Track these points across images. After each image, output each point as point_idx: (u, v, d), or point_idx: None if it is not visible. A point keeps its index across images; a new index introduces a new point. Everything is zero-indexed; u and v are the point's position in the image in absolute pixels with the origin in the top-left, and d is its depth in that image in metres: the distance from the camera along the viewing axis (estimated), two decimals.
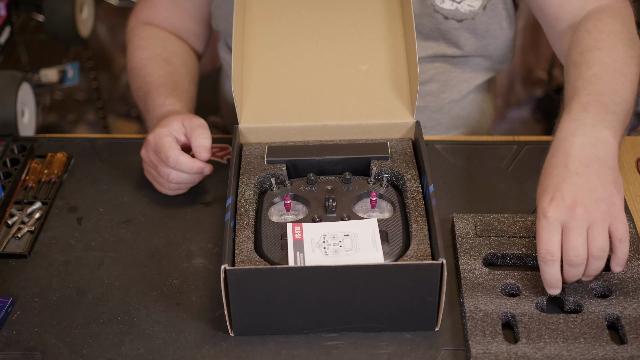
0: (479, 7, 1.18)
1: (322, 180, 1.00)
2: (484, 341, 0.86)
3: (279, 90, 1.08)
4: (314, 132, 1.06)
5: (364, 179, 1.00)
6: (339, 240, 0.90)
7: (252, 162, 1.03)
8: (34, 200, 1.10)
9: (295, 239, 0.90)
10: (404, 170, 1.00)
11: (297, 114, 1.06)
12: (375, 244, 0.89)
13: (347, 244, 0.89)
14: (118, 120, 2.40)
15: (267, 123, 1.06)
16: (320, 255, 0.88)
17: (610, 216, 0.86)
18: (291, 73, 1.09)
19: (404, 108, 1.06)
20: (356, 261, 0.87)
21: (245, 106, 1.07)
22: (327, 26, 1.12)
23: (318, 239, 0.90)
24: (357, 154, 1.03)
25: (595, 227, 0.86)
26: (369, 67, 1.09)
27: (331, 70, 1.09)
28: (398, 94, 1.07)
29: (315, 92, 1.08)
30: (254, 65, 1.10)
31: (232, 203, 0.94)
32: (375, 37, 1.11)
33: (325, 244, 0.89)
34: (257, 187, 1.00)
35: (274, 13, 1.14)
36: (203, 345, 0.89)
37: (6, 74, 1.30)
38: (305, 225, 0.92)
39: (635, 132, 2.14)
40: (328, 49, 1.11)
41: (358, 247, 0.89)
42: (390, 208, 0.96)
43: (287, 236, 0.90)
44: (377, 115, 1.06)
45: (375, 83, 1.08)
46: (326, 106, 1.07)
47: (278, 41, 1.12)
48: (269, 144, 1.06)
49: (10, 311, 0.94)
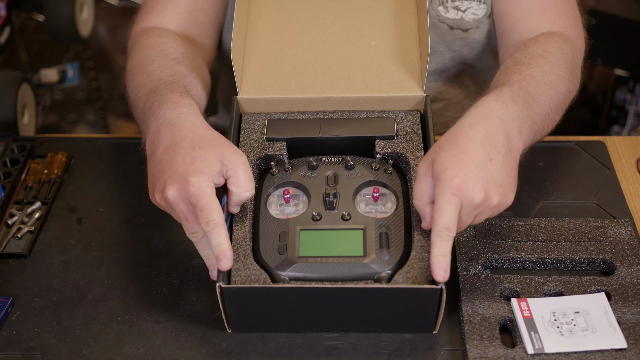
0: (483, 15, 1.18)
1: (324, 164, 0.96)
2: (481, 345, 0.86)
3: (282, 63, 1.04)
4: (317, 105, 1.01)
5: (368, 163, 0.96)
6: (571, 318, 0.88)
7: (251, 137, 0.99)
8: (34, 200, 1.10)
9: (525, 317, 0.88)
10: (409, 152, 0.96)
11: (300, 85, 1.02)
12: (611, 323, 0.87)
13: (581, 323, 0.87)
14: (118, 120, 2.40)
15: (268, 94, 1.02)
16: (555, 335, 0.86)
17: (498, 210, 0.87)
18: (296, 47, 1.05)
19: (413, 82, 1.01)
20: (597, 347, 0.85)
21: (245, 77, 1.03)
22: (337, 2, 1.09)
23: (549, 317, 0.88)
24: (361, 133, 0.98)
25: (481, 215, 0.86)
26: (378, 43, 1.04)
27: (338, 45, 1.05)
28: (407, 69, 1.02)
29: (320, 66, 1.03)
30: (257, 38, 1.06)
31: None
32: (386, 13, 1.07)
33: (558, 322, 0.88)
34: (256, 168, 0.97)
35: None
36: (203, 345, 0.89)
37: (6, 74, 1.30)
38: (532, 300, 0.90)
39: (635, 132, 2.15)
40: (336, 25, 1.07)
41: (594, 327, 0.87)
42: (394, 199, 0.93)
43: (514, 313, 0.89)
44: (385, 88, 1.01)
45: (384, 57, 1.03)
46: (331, 79, 1.02)
47: (285, 16, 1.08)
48: (269, 117, 1.02)
49: (10, 311, 0.94)
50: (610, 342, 0.85)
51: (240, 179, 0.88)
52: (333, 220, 0.91)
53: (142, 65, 1.06)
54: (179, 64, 1.06)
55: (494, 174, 0.85)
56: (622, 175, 1.11)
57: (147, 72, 1.04)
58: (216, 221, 0.84)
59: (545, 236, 0.99)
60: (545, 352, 0.85)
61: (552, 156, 1.14)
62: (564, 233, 0.99)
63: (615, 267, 0.94)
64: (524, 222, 1.01)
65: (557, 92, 0.99)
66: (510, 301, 0.90)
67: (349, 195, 0.93)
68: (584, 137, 1.19)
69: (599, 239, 0.98)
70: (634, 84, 2.14)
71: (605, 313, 0.88)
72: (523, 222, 1.01)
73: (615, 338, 0.86)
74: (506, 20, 1.15)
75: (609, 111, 2.23)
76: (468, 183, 0.83)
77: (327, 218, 0.91)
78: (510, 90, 0.93)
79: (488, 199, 0.84)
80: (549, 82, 0.98)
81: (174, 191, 0.85)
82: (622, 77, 2.16)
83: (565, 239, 0.98)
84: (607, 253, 0.96)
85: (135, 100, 1.04)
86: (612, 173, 1.11)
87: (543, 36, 1.08)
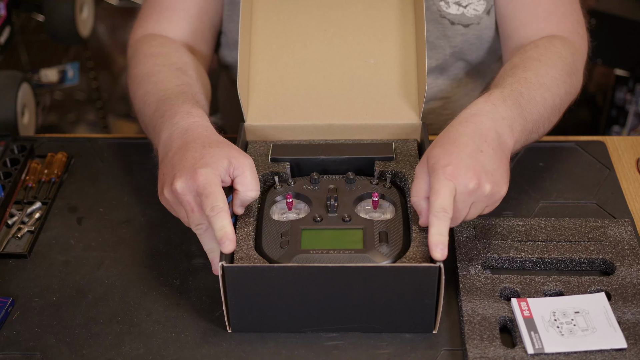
0: (483, 11, 1.19)
1: (325, 179, 1.00)
2: (481, 345, 0.86)
3: (285, 86, 1.08)
4: (320, 131, 1.06)
5: (367, 179, 1.00)
6: (571, 318, 0.88)
7: (257, 159, 1.03)
8: (34, 200, 1.10)
9: (525, 317, 0.88)
10: (407, 171, 1.00)
11: (303, 112, 1.06)
12: (611, 323, 0.87)
13: (581, 323, 0.87)
14: (118, 120, 2.40)
15: (273, 121, 1.06)
16: (555, 335, 0.86)
17: (492, 201, 0.89)
18: (298, 65, 1.08)
19: (410, 108, 1.06)
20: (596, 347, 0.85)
21: (251, 103, 1.07)
22: (337, 13, 1.11)
23: (549, 317, 0.88)
24: (361, 154, 1.03)
25: (476, 205, 0.89)
26: (377, 61, 1.08)
27: (339, 62, 1.08)
28: (405, 93, 1.06)
29: (322, 88, 1.07)
30: (260, 55, 1.09)
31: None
32: (386, 23, 1.10)
33: (558, 322, 0.88)
34: (261, 184, 1.00)
35: (282, 1, 1.12)
36: (203, 345, 0.89)
37: (6, 74, 1.30)
38: (531, 300, 0.90)
39: (635, 132, 2.15)
40: (337, 39, 1.09)
41: (594, 327, 0.87)
42: (392, 209, 0.96)
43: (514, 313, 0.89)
44: (384, 115, 1.06)
45: (383, 79, 1.07)
46: (332, 104, 1.06)
47: (286, 29, 1.10)
48: (274, 142, 1.06)
49: (10, 311, 0.94)
50: (610, 342, 0.85)
51: (247, 178, 0.91)
52: (334, 222, 0.93)
53: (149, 75, 1.09)
54: (184, 73, 1.09)
55: (485, 163, 0.88)
56: (622, 175, 1.11)
57: (153, 82, 1.07)
58: (220, 207, 0.86)
59: (545, 236, 0.99)
60: (545, 352, 0.85)
61: (552, 156, 1.15)
62: (564, 233, 0.99)
63: (615, 267, 0.94)
64: (524, 222, 1.01)
65: (552, 94, 1.02)
66: (510, 301, 0.90)
67: (349, 203, 0.96)
68: (584, 137, 1.19)
69: (599, 239, 0.98)
70: (634, 84, 2.14)
71: (605, 313, 0.88)
72: (523, 222, 1.01)
73: (615, 338, 0.86)
74: (510, 25, 1.16)
75: (609, 111, 2.23)
76: (460, 170, 0.86)
77: (328, 220, 0.93)
78: (500, 92, 0.97)
79: (481, 185, 0.87)
80: (543, 85, 1.01)
81: (182, 182, 0.88)
82: (622, 77, 2.16)
83: (565, 239, 0.98)
84: (607, 253, 0.96)
85: (143, 107, 1.06)
86: (612, 173, 1.11)
87: (542, 41, 1.10)
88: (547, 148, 1.16)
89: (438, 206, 0.85)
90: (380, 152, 1.03)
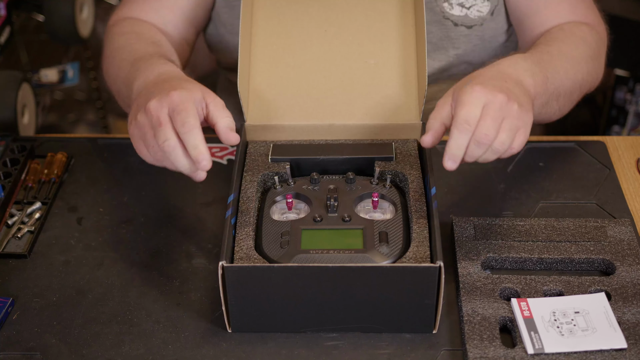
0: (487, 12, 1.19)
1: (325, 179, 1.00)
2: (481, 345, 0.86)
3: (285, 86, 1.08)
4: (320, 132, 1.06)
5: (368, 179, 1.00)
6: (571, 318, 0.88)
7: (257, 159, 1.03)
8: (34, 200, 1.10)
9: (525, 317, 0.88)
10: (407, 171, 1.00)
11: (303, 112, 1.06)
12: (611, 323, 0.87)
13: (581, 323, 0.87)
14: (118, 120, 2.40)
15: (273, 121, 1.06)
16: (555, 335, 0.86)
17: (522, 124, 0.88)
18: (298, 66, 1.08)
19: (410, 109, 1.06)
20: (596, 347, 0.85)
21: (251, 103, 1.07)
22: (337, 13, 1.11)
23: (549, 317, 0.88)
24: (361, 154, 1.03)
25: (507, 123, 0.87)
26: (377, 61, 1.08)
27: (339, 63, 1.08)
28: (405, 93, 1.06)
29: (322, 89, 1.07)
30: (260, 56, 1.09)
31: (234, 200, 0.94)
32: (386, 24, 1.10)
33: (558, 322, 0.88)
34: (261, 184, 1.00)
35: (282, 2, 1.12)
36: (203, 345, 0.89)
37: (6, 74, 1.30)
38: (531, 300, 0.90)
39: (635, 132, 2.15)
40: (337, 40, 1.09)
41: (594, 327, 0.87)
42: (392, 209, 0.96)
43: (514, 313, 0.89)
44: (384, 115, 1.06)
45: (383, 79, 1.07)
46: (333, 104, 1.06)
47: (286, 30, 1.10)
48: (274, 142, 1.06)
49: (10, 311, 0.94)
50: (610, 342, 0.85)
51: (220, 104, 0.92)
52: (334, 222, 0.93)
53: (123, 47, 1.11)
54: (159, 46, 1.11)
55: (511, 88, 0.90)
56: (622, 175, 1.11)
57: (128, 51, 1.08)
58: (192, 123, 0.86)
59: (545, 236, 0.99)
60: (545, 352, 0.85)
61: (552, 156, 1.15)
62: (564, 233, 0.99)
63: (615, 267, 0.94)
64: (524, 222, 1.01)
65: (575, 69, 1.05)
66: (510, 301, 0.90)
67: (349, 203, 0.96)
68: (584, 137, 1.19)
69: (599, 239, 0.98)
70: (634, 84, 2.14)
71: (605, 313, 0.88)
72: (523, 222, 1.01)
73: (615, 338, 0.86)
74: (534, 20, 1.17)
75: (609, 111, 2.23)
76: (488, 87, 0.87)
77: (328, 220, 0.93)
78: (523, 54, 1.00)
79: (510, 101, 0.87)
80: (566, 58, 1.04)
81: (155, 102, 0.88)
82: (622, 77, 2.16)
83: (565, 239, 0.98)
84: (607, 253, 0.96)
85: (115, 79, 1.08)
86: (612, 173, 1.11)
87: (568, 25, 1.13)
88: (547, 148, 1.16)
89: (462, 117, 0.85)
90: (380, 152, 1.03)
